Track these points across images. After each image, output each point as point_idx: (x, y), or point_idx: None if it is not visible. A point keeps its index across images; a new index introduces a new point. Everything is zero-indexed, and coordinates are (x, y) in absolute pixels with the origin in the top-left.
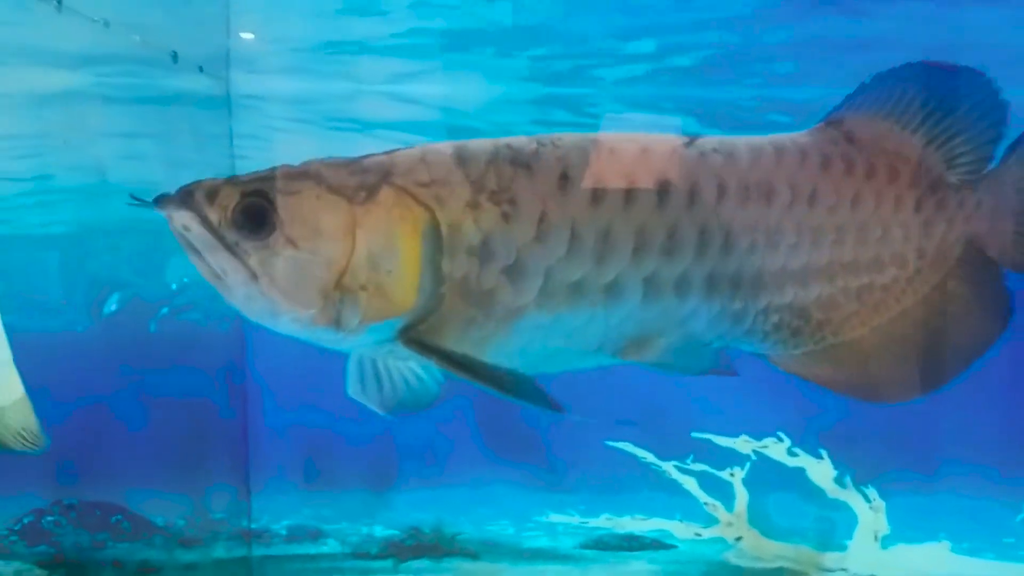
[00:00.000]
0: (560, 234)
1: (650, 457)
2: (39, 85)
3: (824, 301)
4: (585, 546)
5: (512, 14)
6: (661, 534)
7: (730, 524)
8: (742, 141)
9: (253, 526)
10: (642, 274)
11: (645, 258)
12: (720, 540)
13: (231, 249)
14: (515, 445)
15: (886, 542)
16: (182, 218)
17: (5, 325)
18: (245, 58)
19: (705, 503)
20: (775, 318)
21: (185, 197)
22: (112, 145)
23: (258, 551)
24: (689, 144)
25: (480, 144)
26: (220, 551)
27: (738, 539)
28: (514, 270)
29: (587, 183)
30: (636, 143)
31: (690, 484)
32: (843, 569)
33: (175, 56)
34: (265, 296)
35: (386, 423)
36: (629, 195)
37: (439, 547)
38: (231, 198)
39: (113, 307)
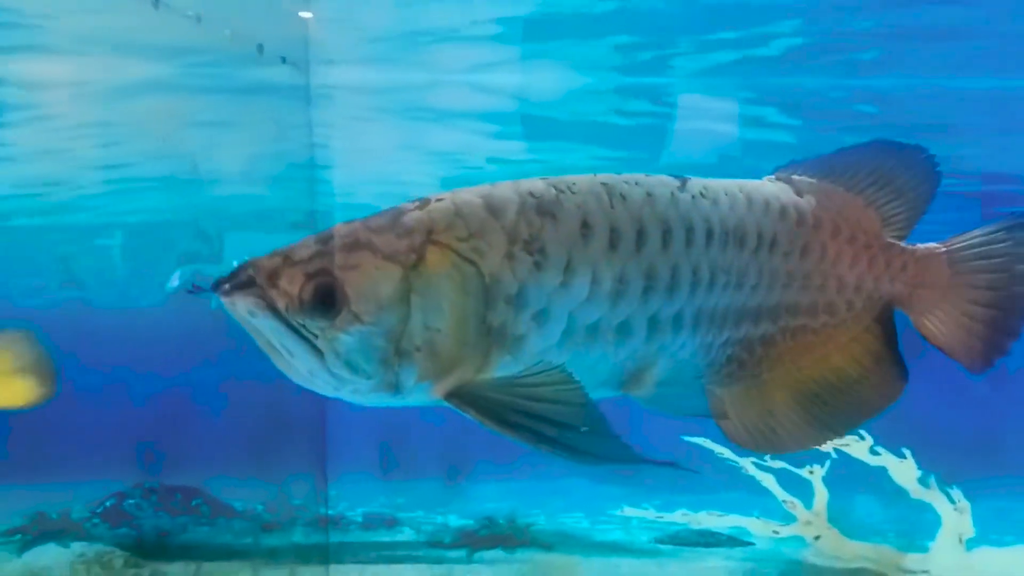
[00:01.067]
0: (583, 279)
1: (727, 453)
2: (128, 76)
3: (767, 338)
4: (660, 541)
5: (594, 3)
6: (738, 531)
7: (809, 522)
8: (720, 185)
9: (330, 513)
10: (648, 313)
11: (652, 298)
12: (798, 538)
13: (298, 332)
14: None
15: (970, 544)
16: (247, 305)
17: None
18: (325, 48)
19: (784, 501)
20: (729, 351)
21: (247, 283)
22: (195, 134)
23: (335, 538)
24: (682, 187)
25: (504, 192)
26: (298, 536)
27: (817, 538)
28: (542, 316)
29: (604, 229)
30: (641, 187)
31: (768, 481)
32: (925, 571)
33: (261, 48)
34: (330, 372)
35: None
36: (640, 239)
37: (512, 538)
38: (295, 281)
39: (176, 283)
